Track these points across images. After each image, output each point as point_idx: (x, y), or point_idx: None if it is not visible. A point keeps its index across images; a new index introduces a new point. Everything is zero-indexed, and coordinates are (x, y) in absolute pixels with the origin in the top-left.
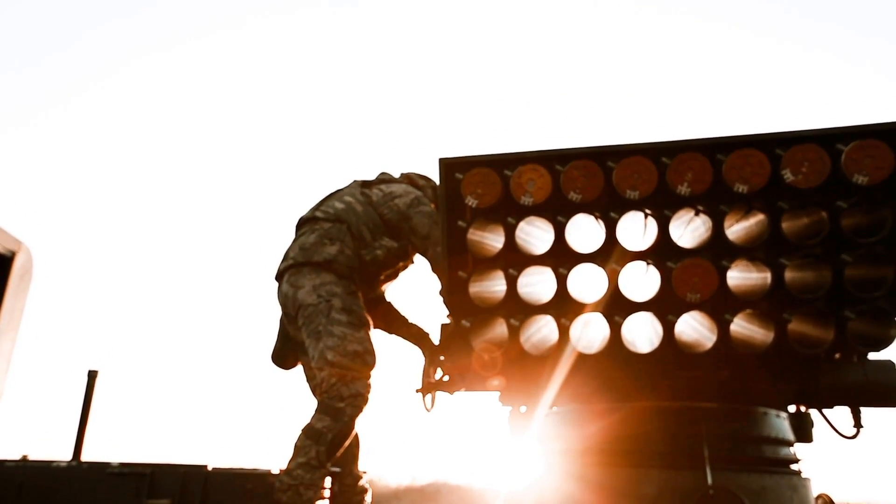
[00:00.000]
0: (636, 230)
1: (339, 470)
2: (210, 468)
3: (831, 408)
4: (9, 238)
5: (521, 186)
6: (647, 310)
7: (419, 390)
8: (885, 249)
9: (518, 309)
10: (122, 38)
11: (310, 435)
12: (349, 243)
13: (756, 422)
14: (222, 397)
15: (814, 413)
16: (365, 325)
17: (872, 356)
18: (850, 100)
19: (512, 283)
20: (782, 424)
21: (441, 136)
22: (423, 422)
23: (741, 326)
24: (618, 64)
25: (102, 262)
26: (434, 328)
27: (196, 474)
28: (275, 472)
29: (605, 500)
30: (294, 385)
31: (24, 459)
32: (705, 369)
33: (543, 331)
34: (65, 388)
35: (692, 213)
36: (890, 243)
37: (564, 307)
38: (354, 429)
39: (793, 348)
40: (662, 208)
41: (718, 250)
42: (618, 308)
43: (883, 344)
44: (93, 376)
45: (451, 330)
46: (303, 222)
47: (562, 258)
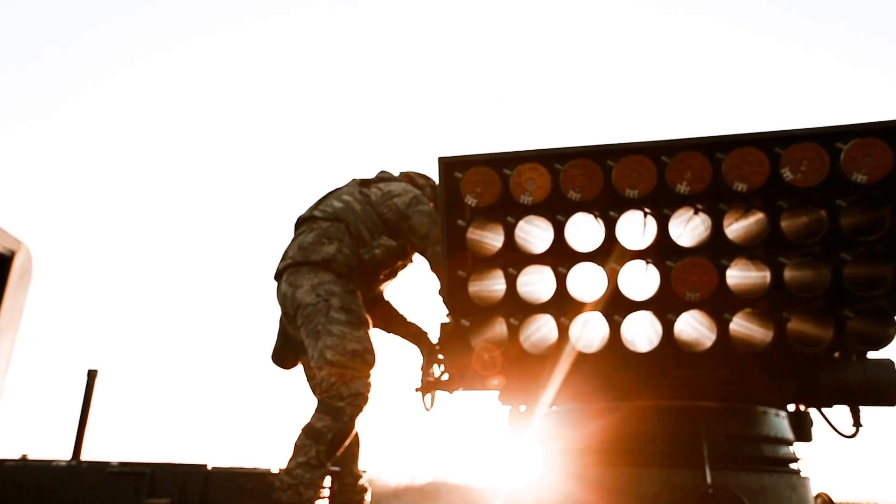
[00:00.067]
0: (635, 229)
1: (338, 469)
2: (210, 467)
3: (830, 407)
4: (8, 237)
5: (521, 185)
6: (646, 309)
7: (418, 389)
8: (884, 248)
9: (517, 308)
10: (122, 37)
11: (310, 434)
12: (347, 242)
13: (755, 421)
14: (222, 397)
15: (813, 412)
16: (364, 324)
17: (871, 355)
18: (849, 98)
19: (511, 282)
20: (781, 423)
21: (440, 135)
22: (422, 421)
23: (740, 325)
24: (617, 63)
25: (102, 261)
26: (433, 327)
27: (196, 474)
28: (274, 471)
29: (604, 499)
30: (294, 384)
31: (23, 459)
32: (705, 368)
33: (543, 330)
34: (64, 387)
35: (691, 211)
36: (889, 242)
37: (564, 306)
38: (354, 428)
39: (792, 347)
40: (662, 207)
41: (718, 249)
42: (617, 307)
43: (882, 343)
44: (92, 376)
45: (450, 329)
46: (301, 221)
47: (561, 257)
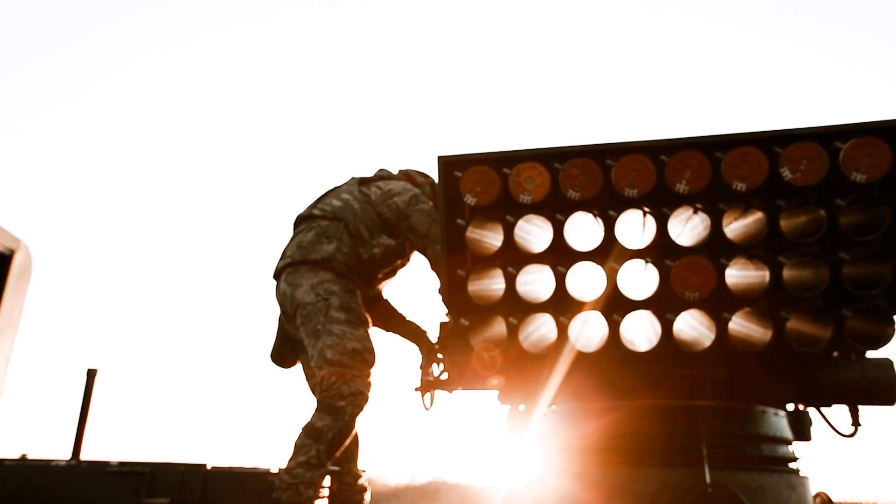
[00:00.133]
0: (635, 228)
1: (338, 468)
2: (209, 467)
3: (829, 406)
4: (7, 236)
5: (520, 184)
6: (645, 308)
7: (418, 388)
8: (883, 247)
9: (517, 307)
10: (120, 36)
11: (310, 434)
12: (347, 241)
13: (754, 420)
14: (221, 396)
15: (812, 411)
16: (364, 324)
17: (870, 354)
18: (849, 98)
19: (511, 281)
20: (780, 423)
21: (440, 134)
22: (421, 420)
23: (739, 325)
24: (616, 62)
25: (102, 260)
26: (432, 326)
27: (195, 473)
28: (274, 470)
29: (603, 499)
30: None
31: (23, 458)
32: (704, 367)
33: (542, 329)
34: (64, 386)
35: (691, 211)
36: (888, 241)
37: (563, 305)
38: (355, 428)
39: (791, 346)
40: (661, 206)
41: (717, 248)
42: (616, 306)
43: (881, 342)
44: (92, 375)
45: (449, 328)
46: (300, 220)
47: (560, 256)
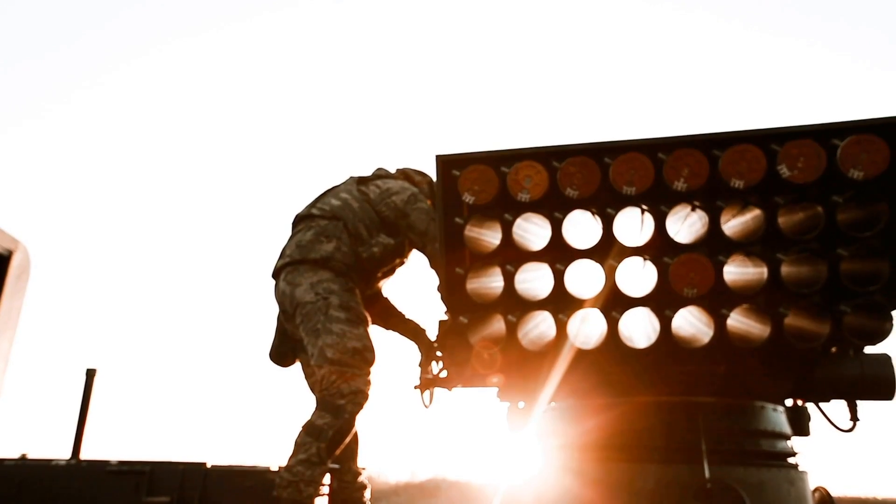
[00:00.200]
0: (633, 226)
1: (338, 466)
2: (209, 465)
3: (828, 401)
4: (5, 237)
5: (518, 183)
6: (644, 305)
7: (417, 386)
8: (881, 244)
9: (515, 305)
10: (120, 36)
11: (310, 432)
12: (346, 240)
13: (753, 416)
14: (221, 395)
15: (811, 407)
16: (363, 322)
17: (868, 350)
18: (846, 95)
19: (509, 279)
20: (779, 418)
21: (438, 133)
22: (421, 418)
23: (738, 321)
24: (614, 61)
25: (100, 260)
26: (431, 324)
27: (195, 472)
28: (274, 469)
29: (603, 495)
30: (292, 382)
31: (23, 458)
32: (702, 364)
33: (541, 327)
34: (63, 386)
35: (689, 208)
36: (885, 237)
37: (562, 303)
38: (355, 426)
39: (789, 342)
40: (659, 204)
41: (715, 245)
42: (615, 304)
43: (879, 337)
44: (91, 374)
45: (448, 326)
46: (299, 219)
47: (559, 254)
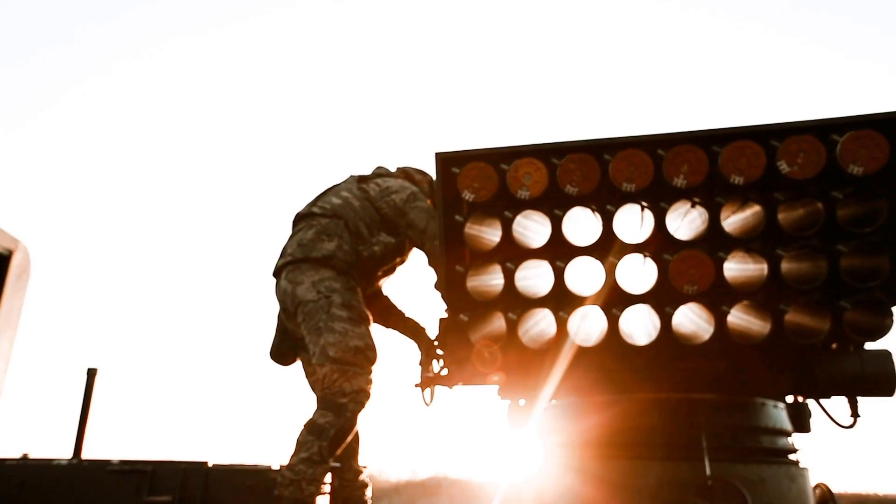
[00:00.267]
0: (633, 223)
1: (339, 465)
2: (210, 465)
3: (828, 398)
4: (6, 237)
5: (518, 180)
6: (644, 302)
7: (418, 385)
8: (881, 239)
9: (516, 302)
10: (119, 35)
11: (312, 430)
12: (347, 239)
13: (754, 412)
14: (222, 394)
15: (811, 403)
16: (365, 321)
17: (869, 346)
18: (845, 90)
19: (509, 276)
20: (780, 415)
21: (437, 131)
22: (422, 416)
23: (738, 318)
24: (613, 57)
25: (101, 259)
26: (431, 322)
27: (196, 471)
28: (275, 468)
29: (604, 493)
30: (293, 381)
31: (24, 458)
32: (703, 361)
33: (541, 324)
34: (64, 386)
35: (688, 205)
36: (885, 233)
37: (562, 300)
38: (356, 424)
39: (790, 339)
40: (659, 200)
41: (715, 242)
42: (615, 301)
43: (879, 333)
44: (92, 374)
45: (448, 324)
46: (299, 218)
47: (559, 251)
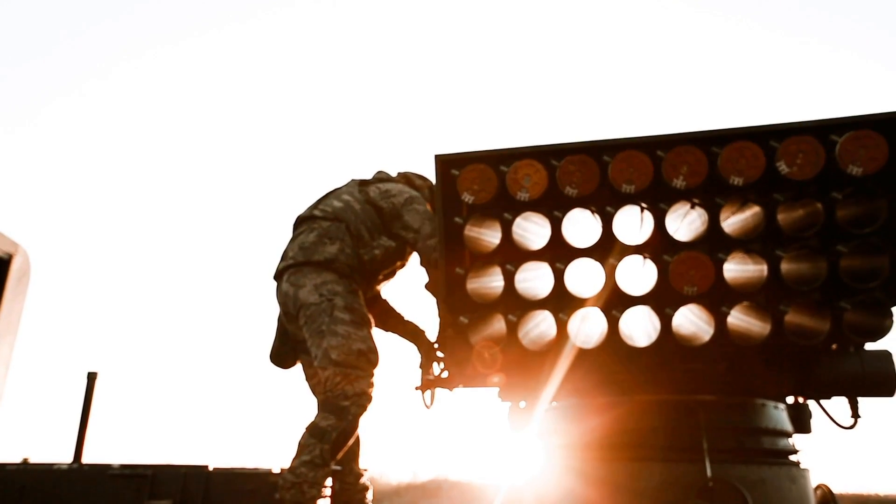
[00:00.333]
0: (632, 224)
1: (340, 468)
2: (211, 468)
3: (829, 398)
4: (5, 240)
5: (517, 182)
6: (644, 304)
7: (418, 387)
8: (881, 240)
9: (516, 304)
10: (119, 37)
11: (314, 433)
12: (349, 242)
13: (754, 413)
14: (222, 398)
15: (812, 404)
16: (367, 324)
17: (869, 346)
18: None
19: (509, 278)
20: (780, 416)
21: (437, 133)
22: (422, 419)
23: (738, 319)
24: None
25: (101, 263)
26: (431, 325)
27: (197, 475)
28: (276, 471)
29: (605, 495)
30: (293, 385)
31: (25, 462)
32: (703, 362)
33: (541, 326)
34: (64, 390)
35: (688, 206)
36: (885, 233)
37: (562, 302)
38: (358, 427)
39: (790, 340)
40: (658, 202)
41: (715, 243)
42: (615, 302)
43: (879, 334)
44: (92, 378)
45: (447, 326)
46: (300, 221)
47: (559, 253)
